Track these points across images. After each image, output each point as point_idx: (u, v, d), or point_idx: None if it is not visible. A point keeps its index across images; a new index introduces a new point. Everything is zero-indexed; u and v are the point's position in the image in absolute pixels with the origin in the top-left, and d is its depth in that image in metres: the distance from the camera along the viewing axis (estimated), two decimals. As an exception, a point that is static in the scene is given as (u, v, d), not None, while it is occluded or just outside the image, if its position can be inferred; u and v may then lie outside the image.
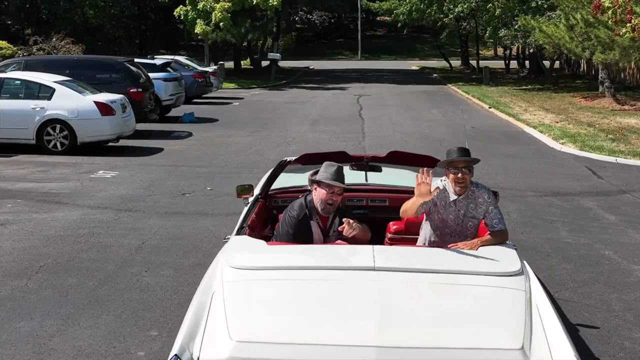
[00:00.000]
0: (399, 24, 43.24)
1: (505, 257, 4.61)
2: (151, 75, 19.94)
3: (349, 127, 19.61)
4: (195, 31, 33.50)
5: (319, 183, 5.21)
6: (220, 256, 4.64)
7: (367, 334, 3.57)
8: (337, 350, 3.52)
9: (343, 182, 5.19)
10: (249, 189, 6.44)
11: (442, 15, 39.30)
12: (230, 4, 33.26)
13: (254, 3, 33.49)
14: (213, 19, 32.80)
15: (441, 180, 5.21)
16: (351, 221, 4.99)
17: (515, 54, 45.20)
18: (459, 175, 5.02)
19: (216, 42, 35.92)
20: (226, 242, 5.21)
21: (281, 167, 6.12)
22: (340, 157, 5.69)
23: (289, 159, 6.10)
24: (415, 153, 6.44)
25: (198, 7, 33.23)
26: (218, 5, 32.75)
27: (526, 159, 15.48)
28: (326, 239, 5.31)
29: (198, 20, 33.24)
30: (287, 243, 5.06)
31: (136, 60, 19.53)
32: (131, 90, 16.96)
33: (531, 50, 30.28)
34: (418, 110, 25.25)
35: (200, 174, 12.87)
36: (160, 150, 15.64)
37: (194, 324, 3.81)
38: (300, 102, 27.37)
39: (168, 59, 24.55)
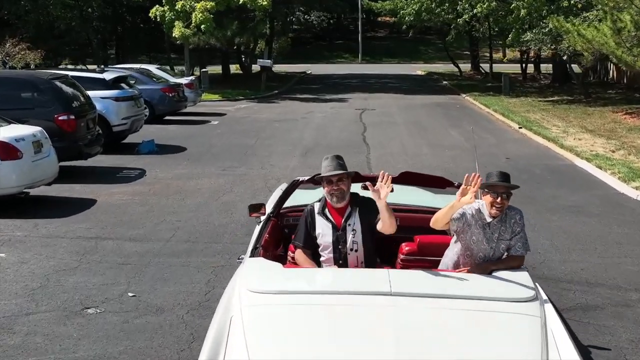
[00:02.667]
0: (404, 26, 38.88)
1: (520, 282, 4.62)
2: (99, 93, 15.66)
3: (351, 160, 15.03)
4: (174, 34, 29.15)
5: (321, 178, 5.26)
6: (237, 278, 4.76)
7: (384, 357, 3.71)
8: None
9: (342, 169, 5.12)
10: (260, 207, 6.16)
11: (453, 17, 34.94)
12: (213, 4, 28.92)
13: (241, 3, 29.13)
14: (193, 20, 28.45)
15: (477, 202, 5.01)
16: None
17: (533, 57, 40.79)
18: (499, 199, 5.03)
19: (199, 46, 31.55)
20: (240, 261, 5.35)
21: (293, 187, 6.18)
22: (352, 178, 5.43)
23: (300, 178, 6.14)
24: (428, 174, 6.42)
25: (176, 8, 28.88)
26: (198, 5, 28.41)
27: (598, 216, 11.15)
28: (339, 234, 5.21)
29: (176, 22, 28.91)
30: (302, 249, 5.27)
31: (73, 74, 15.21)
32: (59, 118, 12.64)
33: (564, 57, 25.94)
34: (434, 130, 20.90)
35: (127, 258, 8.52)
36: (90, 204, 11.30)
37: (214, 348, 3.95)
38: (292, 120, 23.02)
39: (124, 71, 20.19)
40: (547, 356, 3.87)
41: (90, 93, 14.96)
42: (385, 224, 4.89)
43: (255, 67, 45.39)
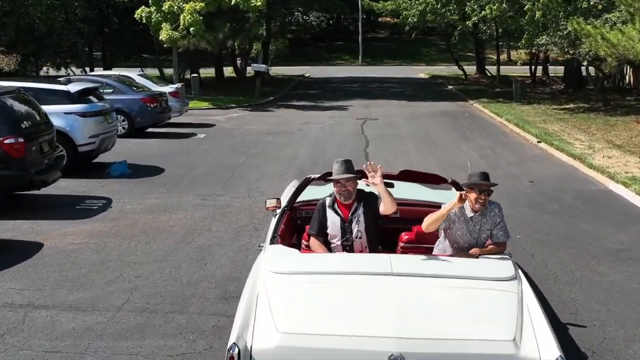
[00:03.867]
0: (407, 27, 36.76)
1: (502, 264, 5.51)
2: (62, 108, 13.63)
3: (353, 185, 13.21)
4: (161, 38, 27.06)
5: (332, 179, 6.12)
6: (259, 262, 5.60)
7: (387, 327, 4.53)
8: (362, 340, 4.46)
9: (350, 173, 5.97)
10: (277, 201, 7.00)
11: (459, 18, 32.89)
12: (203, 5, 26.84)
13: (232, 4, 27.05)
14: (181, 22, 26.38)
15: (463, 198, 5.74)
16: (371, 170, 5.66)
17: (542, 59, 38.71)
18: (482, 195, 5.79)
19: (188, 49, 29.48)
20: (261, 248, 6.31)
21: (305, 184, 6.91)
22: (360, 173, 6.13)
23: (312, 176, 6.85)
24: (424, 172, 7.16)
25: (163, 9, 26.79)
26: (187, 6, 26.32)
27: (656, 266, 9.08)
28: (346, 225, 6.06)
29: (164, 25, 26.82)
30: (315, 232, 6.12)
31: (31, 86, 13.16)
32: (5, 142, 10.58)
33: (584, 64, 23.86)
34: (444, 145, 18.84)
35: (59, 343, 6.46)
36: (33, 250, 9.23)
37: (244, 320, 4.69)
38: (286, 133, 20.95)
39: (93, 81, 18.12)
40: (522, 324, 4.69)
41: (52, 108, 12.96)
42: (386, 205, 5.75)
43: (251, 70, 43.46)
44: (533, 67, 37.86)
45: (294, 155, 16.72)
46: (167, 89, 21.82)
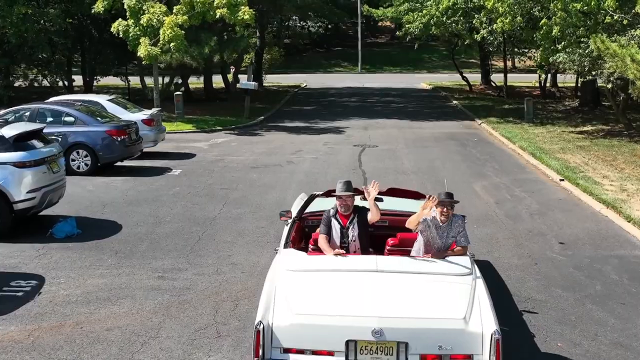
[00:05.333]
0: (408, 37, 34.33)
1: (461, 264, 7.14)
2: (-5, 157, 11.18)
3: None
4: (139, 54, 24.62)
5: (336, 195, 7.83)
6: (276, 262, 7.34)
7: (372, 309, 6.24)
8: (353, 318, 6.17)
9: (350, 191, 7.76)
10: (288, 213, 8.80)
11: (465, 29, 30.51)
12: (185, 17, 24.38)
13: (218, 17, 24.61)
14: (161, 37, 23.93)
15: (433, 211, 7.49)
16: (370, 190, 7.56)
17: (552, 71, 36.20)
18: (445, 209, 7.54)
19: (171, 64, 27.12)
20: (276, 252, 7.81)
21: (311, 200, 8.56)
22: (357, 191, 7.97)
23: (317, 193, 8.53)
24: (407, 189, 8.93)
25: (141, 22, 24.34)
26: (167, 20, 23.84)
27: None
28: (345, 231, 7.77)
29: (142, 39, 24.36)
30: (324, 235, 7.71)
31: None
32: None
33: (609, 86, 21.44)
34: (453, 184, 16.33)
35: None
36: None
37: (266, 305, 6.38)
38: (274, 167, 18.51)
39: (50, 111, 15.79)
40: (471, 307, 6.41)
41: (-20, 158, 10.53)
42: (373, 214, 7.59)
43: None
44: (542, 78, 35.32)
45: (279, 202, 14.26)
46: (140, 115, 19.37)
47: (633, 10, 21.22)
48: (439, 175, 17.19)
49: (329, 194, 8.16)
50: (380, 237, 8.26)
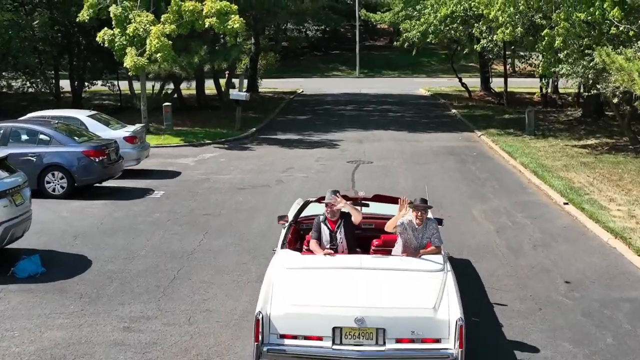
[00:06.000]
0: (406, 44, 33.36)
1: (435, 261, 8.24)
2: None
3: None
4: (125, 64, 23.67)
5: (324, 202, 8.94)
6: (274, 261, 8.40)
7: (355, 301, 7.32)
8: (339, 308, 7.24)
9: (335, 197, 8.86)
10: (285, 217, 10.09)
11: (464, 36, 29.60)
12: (174, 27, 23.44)
13: (207, 26, 23.67)
14: (148, 47, 22.97)
15: (409, 215, 8.67)
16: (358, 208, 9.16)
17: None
18: (419, 214, 8.67)
19: (159, 75, 26.21)
20: (274, 252, 8.82)
21: (305, 206, 9.68)
22: (344, 198, 9.10)
23: (310, 199, 9.74)
24: (390, 196, 9.80)
25: (128, 32, 23.39)
26: (154, 29, 22.89)
27: None
28: (333, 234, 8.80)
29: (128, 49, 23.41)
30: (315, 240, 8.78)
31: None
32: None
33: (615, 100, 20.49)
34: (451, 207, 15.49)
35: None
36: None
37: (265, 297, 7.48)
38: (262, 188, 17.57)
39: (24, 130, 14.85)
40: (441, 298, 7.47)
41: None
42: (355, 216, 8.84)
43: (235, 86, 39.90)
44: (544, 86, 34.32)
45: (264, 232, 13.33)
46: (122, 133, 18.40)
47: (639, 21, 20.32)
48: (437, 197, 16.23)
49: (320, 200, 9.39)
50: (367, 238, 9.56)
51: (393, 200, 9.35)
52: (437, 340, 7.21)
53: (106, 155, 16.19)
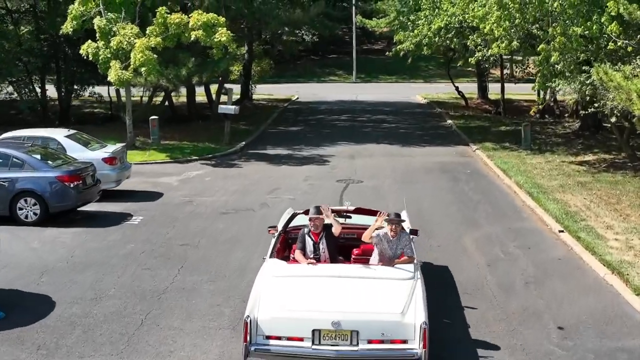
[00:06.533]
0: (402, 53, 32.63)
1: (406, 270, 9.18)
2: None
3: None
4: (109, 78, 23.02)
5: (309, 217, 9.96)
6: (263, 269, 9.33)
7: (333, 306, 8.27)
8: (319, 313, 8.13)
9: (319, 214, 9.80)
10: (275, 227, 11.04)
11: (459, 46, 28.94)
12: (159, 40, 22.77)
13: (192, 39, 23.01)
14: (132, 61, 22.31)
15: (385, 228, 9.69)
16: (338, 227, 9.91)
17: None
18: (394, 227, 9.65)
19: (145, 87, 25.56)
20: (264, 260, 9.74)
21: (293, 217, 10.93)
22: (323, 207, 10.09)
23: (297, 212, 11.03)
24: (370, 209, 10.94)
25: (111, 45, 22.73)
26: (138, 43, 22.22)
27: None
28: (317, 245, 9.80)
29: (112, 62, 22.75)
30: (300, 250, 9.77)
31: None
32: None
33: (613, 120, 19.80)
34: (441, 236, 14.86)
35: None
36: None
37: (254, 302, 8.39)
38: (246, 212, 16.91)
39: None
40: (409, 304, 8.39)
41: None
42: (335, 227, 9.78)
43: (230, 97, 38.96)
44: (541, 100, 33.65)
45: (243, 267, 12.67)
46: (100, 154, 17.72)
47: (639, 36, 19.64)
48: (427, 224, 15.57)
49: (307, 212, 10.25)
50: (350, 247, 10.51)
51: (373, 212, 10.43)
52: (404, 342, 8.18)
53: (82, 180, 15.51)
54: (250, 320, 8.14)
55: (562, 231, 15.23)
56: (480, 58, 24.15)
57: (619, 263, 12.82)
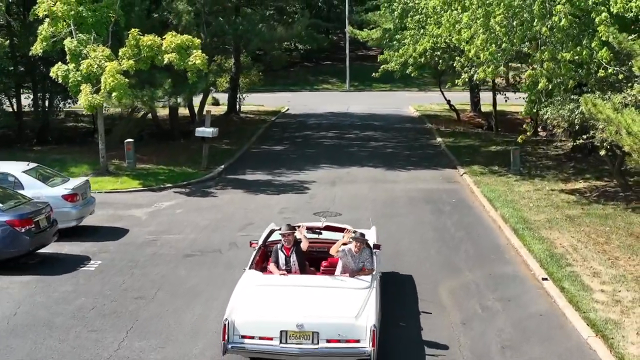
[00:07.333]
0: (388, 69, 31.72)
1: (364, 280, 10.79)
2: None
3: None
4: (79, 102, 22.07)
5: (280, 233, 11.69)
6: (242, 279, 10.96)
7: (299, 311, 9.77)
8: (287, 317, 9.68)
9: (290, 230, 11.53)
10: (256, 241, 12.58)
11: (450, 69, 28.06)
12: (131, 62, 21.81)
13: (165, 63, 22.07)
14: (103, 85, 21.35)
15: (351, 244, 11.21)
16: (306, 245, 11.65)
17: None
18: (358, 244, 11.18)
19: (120, 110, 24.65)
20: (244, 270, 11.31)
21: (271, 233, 12.57)
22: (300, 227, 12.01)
23: (275, 228, 12.60)
24: (338, 226, 13.07)
25: (81, 69, 21.78)
26: (109, 66, 21.25)
27: None
28: (288, 258, 11.37)
29: (83, 86, 21.79)
30: (274, 263, 11.41)
31: None
32: None
33: (602, 153, 18.81)
34: (418, 287, 13.89)
35: None
36: None
37: (232, 307, 9.95)
38: (213, 253, 15.97)
39: None
40: (362, 310, 9.92)
41: None
42: (304, 243, 11.48)
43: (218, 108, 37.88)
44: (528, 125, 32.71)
45: (197, 330, 11.72)
46: (60, 190, 16.76)
47: (630, 62, 18.68)
48: (403, 266, 14.65)
49: (280, 231, 11.86)
50: (321, 259, 12.13)
51: (341, 229, 12.39)
52: (357, 341, 9.69)
53: (34, 223, 14.55)
54: (229, 323, 9.73)
55: (546, 279, 14.29)
56: (467, 80, 23.18)
57: (603, 323, 11.89)
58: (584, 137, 18.90)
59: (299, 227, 11.83)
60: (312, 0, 54.19)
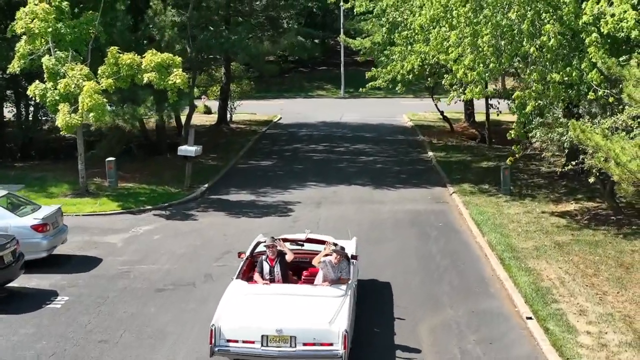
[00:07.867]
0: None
1: (339, 289, 11.88)
2: None
3: None
4: (57, 123, 21.49)
5: (264, 245, 12.89)
6: (229, 288, 12.07)
7: (279, 317, 11.05)
8: (268, 322, 10.94)
9: (273, 242, 12.73)
10: (244, 252, 13.64)
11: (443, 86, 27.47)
12: (110, 81, 21.24)
13: (145, 82, 21.49)
14: (80, 105, 20.77)
15: (332, 256, 12.38)
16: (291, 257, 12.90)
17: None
18: (337, 256, 12.32)
19: (100, 129, 24.07)
20: (232, 280, 12.39)
21: (257, 245, 13.63)
22: (286, 240, 13.65)
23: (261, 240, 13.53)
24: (319, 239, 14.04)
25: (58, 88, 21.20)
26: (86, 86, 20.66)
27: None
28: (272, 269, 12.49)
29: (61, 105, 21.22)
30: (258, 273, 12.62)
31: None
32: None
33: (592, 180, 18.23)
34: (395, 325, 13.32)
35: None
36: None
37: (219, 314, 11.16)
38: (187, 286, 15.40)
39: None
40: (337, 316, 11.09)
41: None
42: (288, 255, 12.67)
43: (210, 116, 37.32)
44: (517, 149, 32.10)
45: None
46: (29, 220, 16.17)
47: (621, 85, 18.12)
48: (383, 302, 14.09)
49: (265, 243, 12.97)
50: (304, 268, 13.20)
51: (322, 242, 13.55)
52: (331, 344, 10.77)
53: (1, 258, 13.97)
54: (215, 328, 10.82)
55: (530, 318, 13.72)
56: (455, 97, 22.58)
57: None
58: (573, 163, 18.30)
59: (279, 239, 13.05)
60: (307, 7, 53.29)
